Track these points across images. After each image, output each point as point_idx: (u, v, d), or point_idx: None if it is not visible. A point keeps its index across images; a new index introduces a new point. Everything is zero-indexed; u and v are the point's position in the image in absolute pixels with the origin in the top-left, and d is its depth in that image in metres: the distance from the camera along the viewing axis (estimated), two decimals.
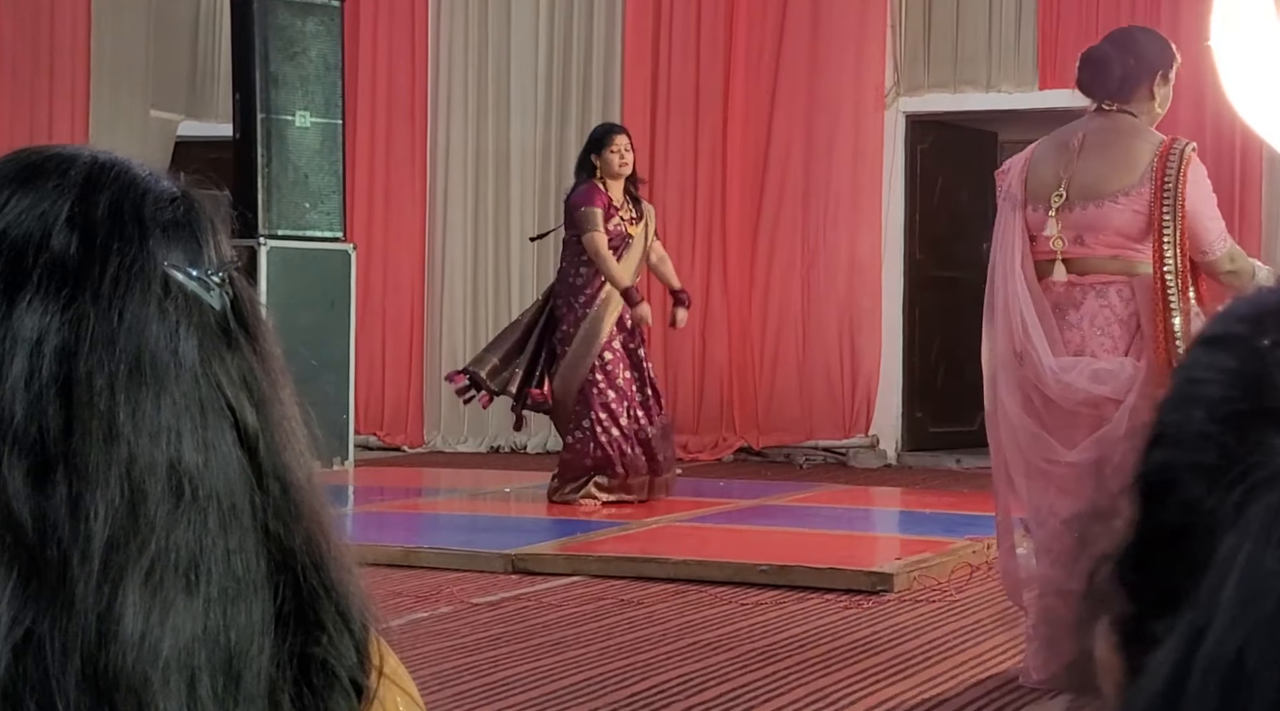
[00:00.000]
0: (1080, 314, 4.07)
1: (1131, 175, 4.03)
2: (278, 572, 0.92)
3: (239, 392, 0.93)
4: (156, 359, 0.90)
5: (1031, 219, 4.17)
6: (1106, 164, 4.08)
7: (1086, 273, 4.10)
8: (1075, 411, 4.03)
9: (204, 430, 0.90)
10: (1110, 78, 4.12)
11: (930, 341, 10.52)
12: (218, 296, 0.94)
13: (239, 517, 0.91)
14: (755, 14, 10.24)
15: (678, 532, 6.95)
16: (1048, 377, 4.04)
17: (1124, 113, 4.14)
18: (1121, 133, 4.10)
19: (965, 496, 8.40)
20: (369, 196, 10.85)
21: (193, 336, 0.92)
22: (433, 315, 10.89)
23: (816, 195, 10.15)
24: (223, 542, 0.89)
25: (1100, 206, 4.05)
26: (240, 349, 0.94)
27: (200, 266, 0.94)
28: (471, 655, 4.62)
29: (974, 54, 9.93)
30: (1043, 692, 4.22)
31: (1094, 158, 4.09)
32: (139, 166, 0.93)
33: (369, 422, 10.61)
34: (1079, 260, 4.11)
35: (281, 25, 9.19)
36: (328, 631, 0.93)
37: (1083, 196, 4.08)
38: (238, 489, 0.91)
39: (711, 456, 10.10)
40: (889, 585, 5.62)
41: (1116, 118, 4.12)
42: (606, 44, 10.61)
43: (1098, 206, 4.05)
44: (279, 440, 0.95)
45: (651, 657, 4.60)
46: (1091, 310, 4.05)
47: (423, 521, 7.78)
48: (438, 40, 10.90)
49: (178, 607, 0.86)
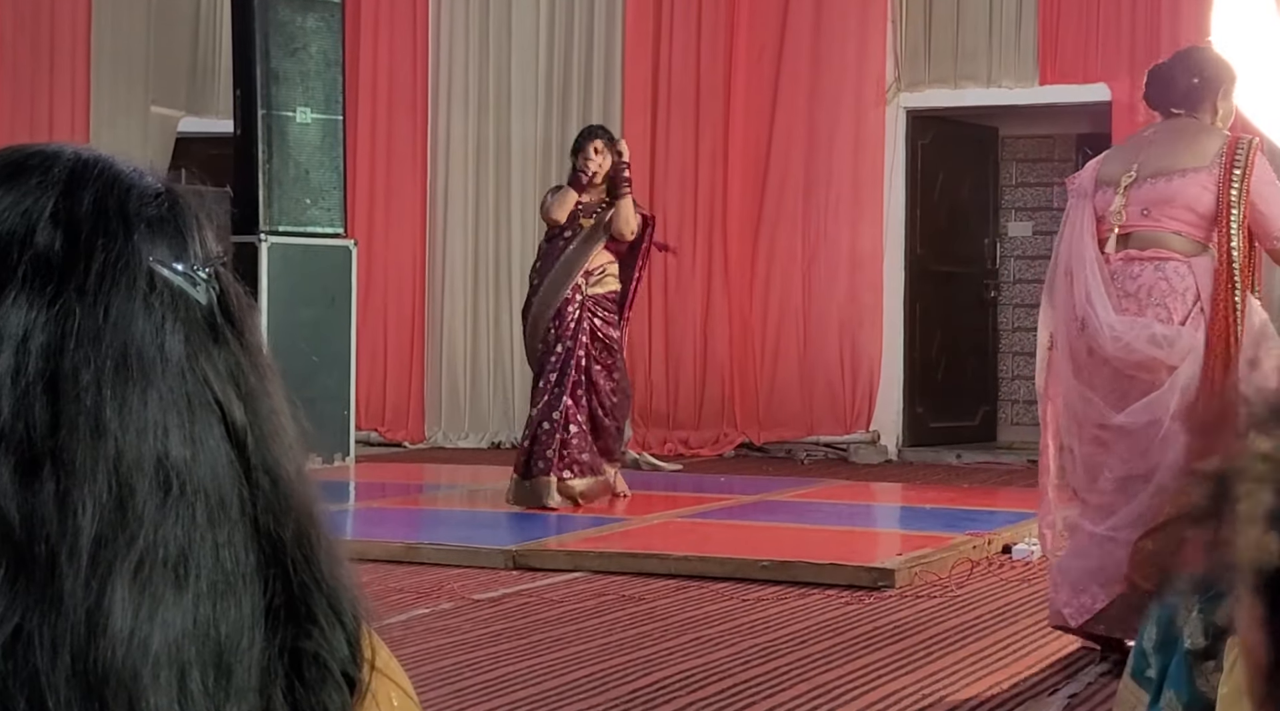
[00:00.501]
0: (1138, 284, 4.19)
1: (1202, 159, 4.22)
2: (268, 566, 0.92)
3: (226, 387, 0.93)
4: (143, 354, 0.90)
5: (1100, 201, 4.34)
6: (1176, 149, 4.27)
7: (1146, 247, 4.22)
8: (1128, 375, 4.15)
9: (191, 425, 0.90)
10: (1175, 93, 4.33)
11: (931, 337, 10.52)
12: (204, 291, 0.94)
13: (228, 512, 0.90)
14: (756, 9, 10.23)
15: (679, 528, 6.95)
16: (1106, 336, 4.16)
17: (1191, 117, 4.33)
18: (1190, 128, 4.32)
19: (966, 491, 8.40)
20: (370, 192, 10.85)
21: (179, 331, 0.92)
22: (433, 311, 10.89)
23: (818, 191, 10.14)
24: (211, 537, 0.89)
25: (1170, 181, 4.21)
26: (227, 343, 0.94)
27: (186, 261, 0.94)
28: (472, 651, 4.62)
29: (974, 49, 9.92)
30: (1043, 690, 4.22)
31: (1165, 145, 4.29)
32: (123, 163, 0.93)
33: (370, 418, 10.62)
34: (1140, 233, 4.23)
35: (282, 21, 9.19)
36: (319, 625, 0.93)
37: (1153, 173, 4.25)
38: (226, 483, 0.91)
39: (713, 452, 10.10)
40: (890, 580, 5.62)
41: (1185, 119, 4.33)
42: (607, 39, 10.61)
43: (1168, 181, 4.22)
44: (267, 434, 0.94)
45: (653, 653, 4.60)
46: (1149, 282, 4.18)
47: (424, 517, 7.78)
48: (438, 36, 10.89)
49: (167, 602, 0.86)
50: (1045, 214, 11.37)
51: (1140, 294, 4.17)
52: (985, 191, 11.14)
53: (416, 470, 9.54)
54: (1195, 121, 4.32)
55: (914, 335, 10.36)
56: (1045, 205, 11.38)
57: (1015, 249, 11.41)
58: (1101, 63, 9.64)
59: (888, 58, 10.08)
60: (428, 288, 10.89)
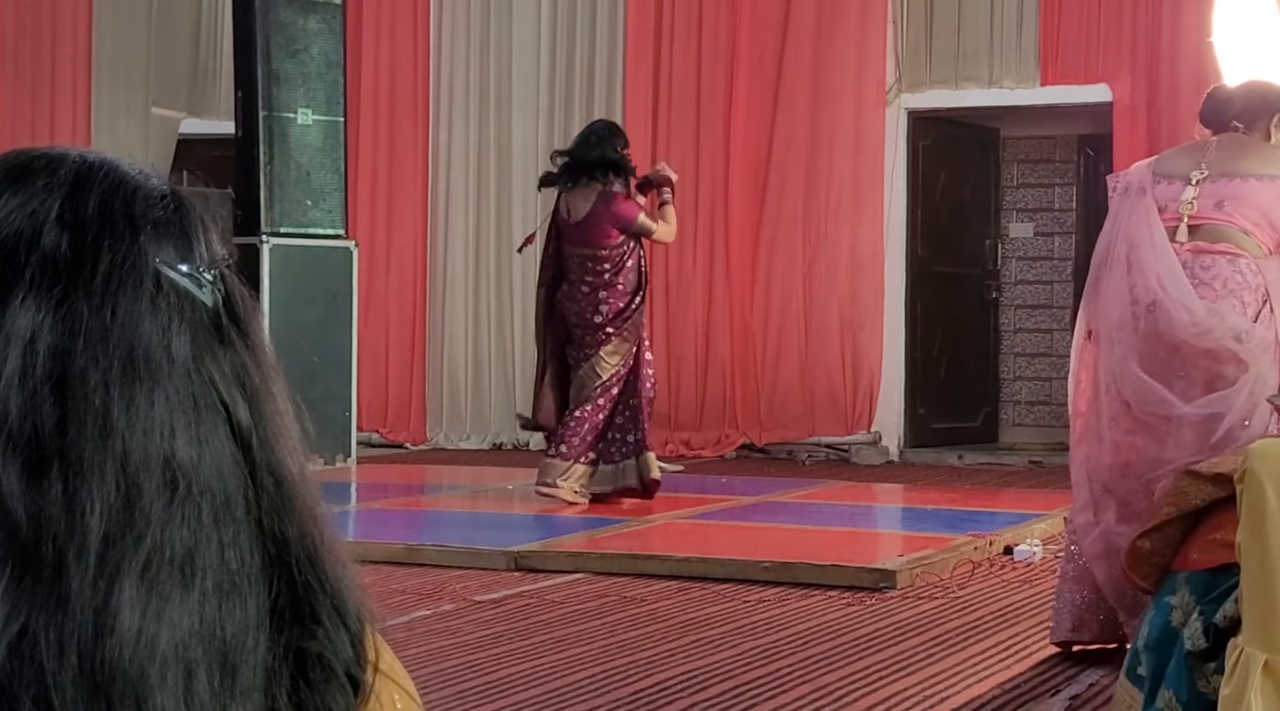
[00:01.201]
0: (1211, 274, 4.18)
1: (1274, 168, 4.24)
2: (272, 567, 0.92)
3: (232, 388, 0.93)
4: (150, 355, 0.90)
5: (1162, 192, 4.29)
6: (1246, 157, 4.28)
7: (1218, 241, 4.21)
8: (1195, 363, 4.12)
9: (197, 425, 0.91)
10: (1231, 111, 4.36)
11: (932, 337, 10.52)
12: (209, 293, 0.95)
13: (233, 512, 0.91)
14: (757, 10, 10.23)
15: (680, 529, 6.96)
16: (1183, 318, 4.12)
17: (1248, 135, 4.36)
18: (1253, 142, 4.34)
19: (968, 492, 8.40)
20: (371, 193, 10.85)
21: (185, 332, 0.92)
22: (435, 312, 10.90)
23: (819, 192, 10.15)
24: (217, 537, 0.90)
25: (1246, 181, 4.22)
26: (233, 345, 0.95)
27: (191, 263, 0.94)
28: (474, 653, 4.63)
29: (975, 50, 9.93)
30: (1045, 691, 4.22)
31: (1231, 151, 4.30)
32: (128, 165, 0.94)
33: (371, 420, 10.62)
34: (1212, 227, 4.22)
35: (283, 22, 9.19)
36: (323, 626, 0.93)
37: (1227, 171, 4.25)
38: (231, 484, 0.91)
39: (714, 453, 10.11)
40: (891, 582, 5.62)
41: (1244, 136, 4.35)
42: (609, 40, 10.61)
43: (1244, 181, 4.23)
44: (272, 435, 0.95)
45: (654, 655, 4.60)
46: (1225, 274, 4.18)
47: (425, 518, 7.79)
48: (439, 37, 10.90)
49: (174, 602, 0.86)
50: (1047, 215, 11.37)
51: (1216, 283, 4.16)
52: (986, 192, 11.14)
53: (418, 471, 9.54)
54: (1253, 138, 4.35)
55: (915, 336, 10.37)
56: (1047, 206, 11.38)
57: (1017, 250, 11.41)
58: (1103, 63, 9.64)
59: (888, 58, 10.08)
60: (429, 289, 10.90)
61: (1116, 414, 4.23)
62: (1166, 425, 4.12)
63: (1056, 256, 11.36)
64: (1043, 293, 11.37)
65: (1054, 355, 11.31)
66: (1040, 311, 11.35)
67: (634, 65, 10.48)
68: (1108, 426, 4.25)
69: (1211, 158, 4.27)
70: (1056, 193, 11.38)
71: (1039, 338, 11.37)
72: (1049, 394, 11.31)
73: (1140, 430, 4.19)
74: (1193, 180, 4.24)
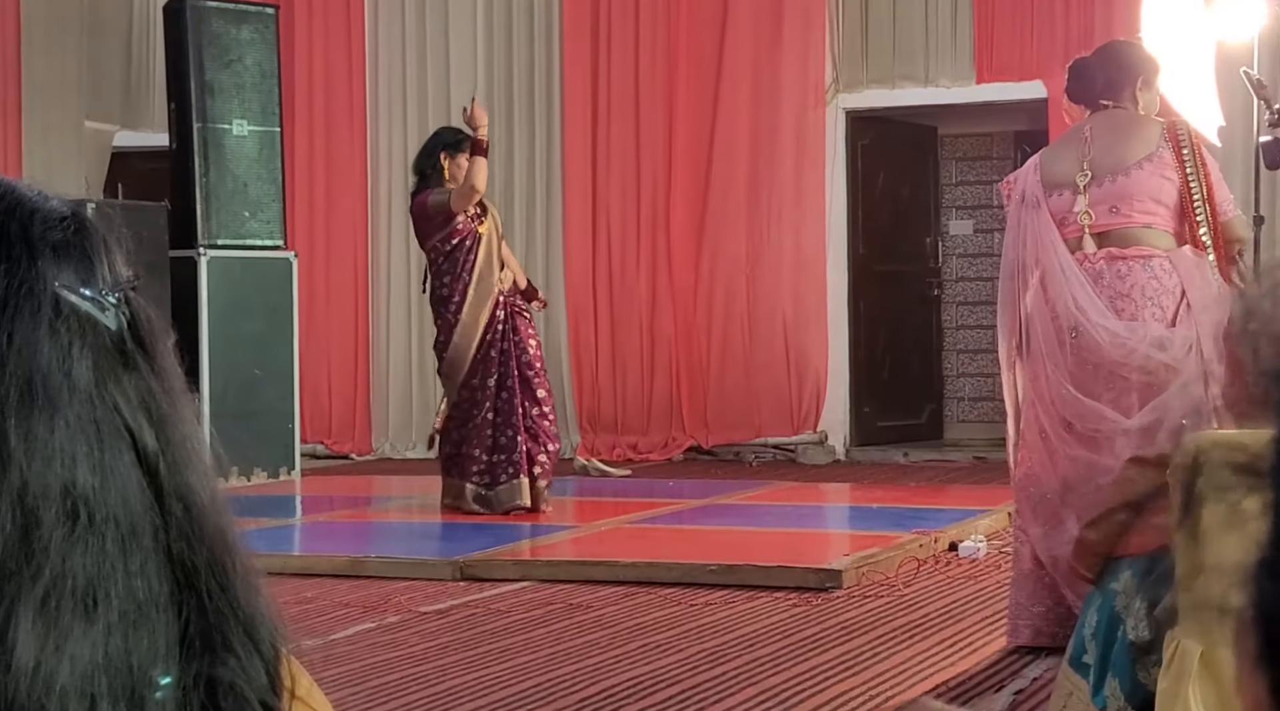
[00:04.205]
0: (1129, 283, 4.18)
1: (1149, 145, 4.24)
2: (182, 595, 0.90)
3: (137, 413, 0.91)
4: (48, 381, 0.89)
5: (1056, 205, 4.31)
6: (1122, 140, 4.28)
7: (1128, 244, 4.23)
8: (1126, 378, 4.15)
9: (100, 452, 0.89)
10: (1094, 84, 4.37)
11: (875, 336, 10.57)
12: (113, 316, 0.93)
13: (139, 540, 0.89)
14: (695, 12, 10.25)
15: (627, 534, 6.95)
16: (1105, 340, 4.14)
17: (1119, 107, 4.35)
18: (1125, 118, 4.34)
19: (913, 490, 8.44)
20: (309, 203, 10.79)
21: (87, 357, 0.90)
22: (377, 321, 10.84)
23: (760, 193, 10.17)
24: (123, 566, 0.88)
25: (1129, 174, 4.23)
26: (138, 369, 0.93)
27: (94, 286, 0.93)
28: (419, 665, 4.60)
29: (911, 49, 9.98)
30: (990, 686, 4.24)
31: (1107, 139, 4.29)
32: (25, 186, 0.92)
33: (316, 431, 10.55)
34: (1116, 232, 4.24)
35: (216, 33, 9.12)
36: (236, 654, 0.92)
37: (1109, 170, 4.25)
38: (137, 511, 0.90)
39: (661, 456, 10.11)
40: (838, 581, 5.63)
41: (1114, 111, 4.35)
42: (546, 43, 10.60)
43: (1126, 175, 4.23)
44: (180, 460, 0.93)
45: (601, 661, 4.59)
46: (1141, 281, 4.19)
47: (371, 530, 7.74)
48: (375, 44, 10.85)
49: (75, 635, 0.85)
50: (986, 212, 11.45)
51: (1134, 293, 4.17)
52: (925, 190, 11.21)
53: (364, 482, 9.48)
54: (1125, 111, 4.34)
55: (859, 335, 10.41)
56: (985, 203, 11.45)
57: (957, 247, 11.48)
58: (1037, 60, 9.72)
59: (826, 59, 10.12)
60: (371, 298, 10.84)
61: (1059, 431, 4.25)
62: (1110, 441, 4.13)
63: (996, 253, 11.40)
64: (984, 289, 11.45)
65: (996, 351, 11.37)
66: (982, 308, 11.42)
67: (572, 68, 10.47)
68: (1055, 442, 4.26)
69: (1091, 155, 4.26)
70: (994, 190, 11.45)
71: (981, 334, 11.44)
72: (992, 389, 11.38)
73: (1084, 443, 4.21)
74: (1080, 186, 4.24)
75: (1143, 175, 4.20)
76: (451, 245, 7.30)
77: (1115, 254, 4.20)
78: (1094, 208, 4.22)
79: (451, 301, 7.31)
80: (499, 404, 7.24)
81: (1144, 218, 4.20)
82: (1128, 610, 2.95)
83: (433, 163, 7.37)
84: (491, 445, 7.23)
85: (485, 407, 7.21)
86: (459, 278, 7.29)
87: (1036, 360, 4.31)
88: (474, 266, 7.30)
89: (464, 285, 7.28)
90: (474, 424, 7.23)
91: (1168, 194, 4.21)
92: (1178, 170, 4.20)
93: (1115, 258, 4.20)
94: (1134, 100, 4.35)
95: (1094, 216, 4.22)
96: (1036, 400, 4.32)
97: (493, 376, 7.24)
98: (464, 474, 7.27)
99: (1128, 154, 4.24)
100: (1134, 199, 4.20)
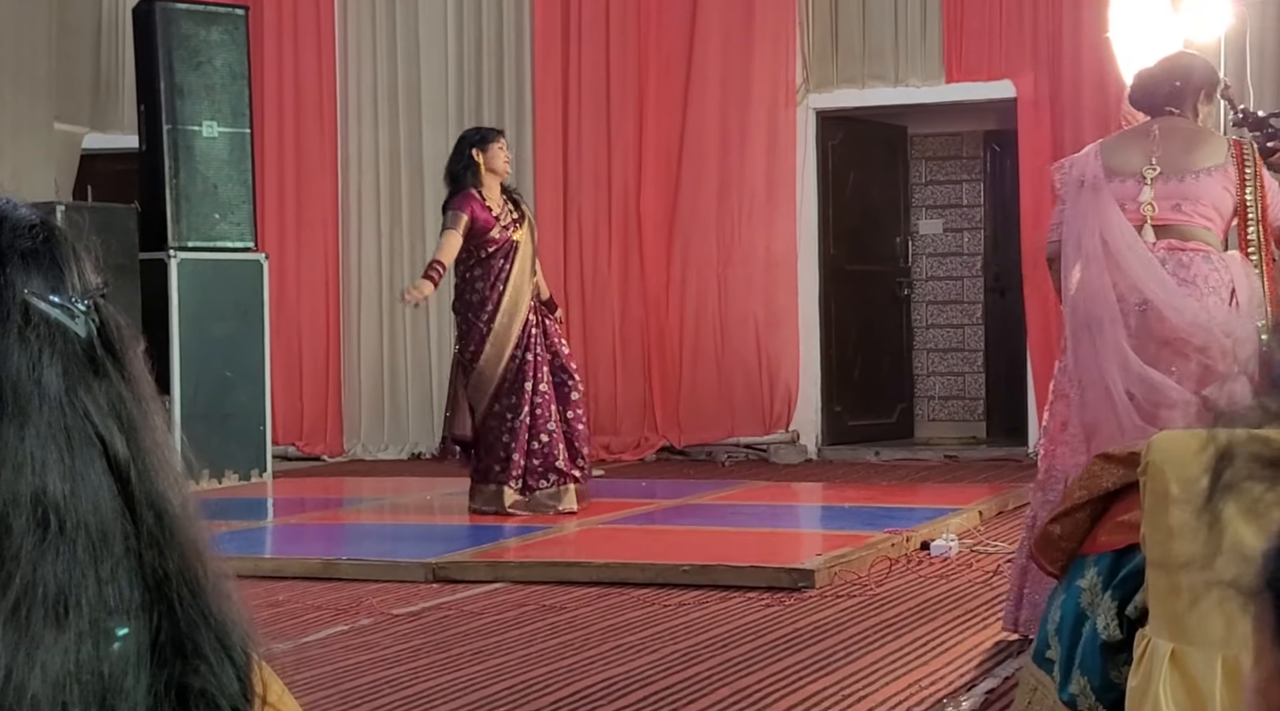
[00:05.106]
0: (1191, 272, 4.28)
1: (1217, 157, 4.36)
2: (153, 602, 0.90)
3: (107, 420, 0.92)
4: (18, 389, 0.89)
5: (1119, 190, 4.38)
6: (1192, 147, 4.38)
7: (1189, 239, 4.32)
8: (1187, 357, 4.21)
9: (71, 459, 0.89)
10: (1159, 93, 4.46)
11: (847, 335, 10.60)
12: (83, 323, 0.93)
13: (110, 547, 0.89)
14: (665, 11, 10.25)
15: (600, 535, 6.95)
16: (1180, 319, 4.20)
17: (1181, 116, 4.46)
18: (1191, 127, 4.45)
19: (885, 489, 8.46)
20: (279, 205, 10.75)
21: (56, 364, 0.91)
22: (349, 322, 10.82)
23: (731, 192, 10.18)
24: (94, 573, 0.88)
25: (1198, 178, 4.33)
26: (108, 376, 0.93)
27: (63, 293, 0.93)
28: (392, 667, 4.59)
29: (881, 49, 10.01)
30: (961, 686, 4.26)
31: (1177, 142, 4.39)
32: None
33: (287, 433, 10.52)
34: (1177, 226, 4.33)
35: (185, 35, 9.09)
36: (207, 660, 0.92)
37: (1178, 169, 4.35)
38: (108, 518, 0.90)
39: (634, 456, 10.11)
40: (810, 581, 5.64)
41: (1180, 119, 4.45)
42: (516, 43, 10.59)
43: (1195, 178, 4.33)
44: (152, 467, 0.93)
45: (574, 663, 4.59)
46: (1203, 272, 4.28)
47: (343, 532, 7.72)
48: (345, 45, 10.82)
49: (46, 643, 0.85)
50: (955, 211, 11.49)
51: (1198, 281, 4.26)
52: (896, 190, 11.24)
53: (336, 484, 9.46)
54: (1188, 121, 4.45)
55: (830, 334, 10.44)
56: (955, 202, 11.49)
57: (927, 246, 11.52)
58: (1006, 60, 9.76)
59: (796, 59, 10.14)
60: (342, 299, 10.82)
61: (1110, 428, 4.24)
62: (1170, 414, 4.16)
63: (966, 252, 11.47)
64: (953, 288, 11.49)
65: (966, 350, 11.42)
66: (951, 307, 11.46)
67: (542, 67, 10.46)
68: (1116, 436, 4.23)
69: (1160, 152, 4.36)
70: (964, 189, 11.50)
71: (951, 333, 11.48)
72: (962, 388, 11.43)
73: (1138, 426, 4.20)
74: (1147, 178, 4.33)
75: (1211, 182, 4.33)
76: (487, 252, 7.26)
77: (1176, 245, 4.31)
78: (1159, 201, 4.32)
79: (484, 310, 7.24)
80: (535, 408, 7.24)
81: (1203, 221, 4.34)
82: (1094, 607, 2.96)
83: (465, 162, 7.30)
84: (528, 449, 7.25)
85: (523, 413, 7.21)
86: (493, 286, 7.25)
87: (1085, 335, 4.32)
88: (509, 276, 7.27)
89: (498, 294, 7.25)
90: (509, 428, 7.21)
91: (1226, 205, 4.34)
92: (1238, 186, 4.33)
93: (1176, 249, 4.31)
94: (1195, 111, 4.48)
95: (1157, 209, 4.31)
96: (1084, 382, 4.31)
97: (528, 381, 7.23)
98: (501, 478, 7.26)
99: (1196, 160, 4.36)
100: (1199, 201, 4.32)
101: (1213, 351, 4.19)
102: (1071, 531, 3.09)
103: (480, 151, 7.29)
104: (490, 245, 7.25)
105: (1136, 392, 4.22)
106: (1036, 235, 9.73)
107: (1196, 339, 4.20)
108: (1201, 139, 4.41)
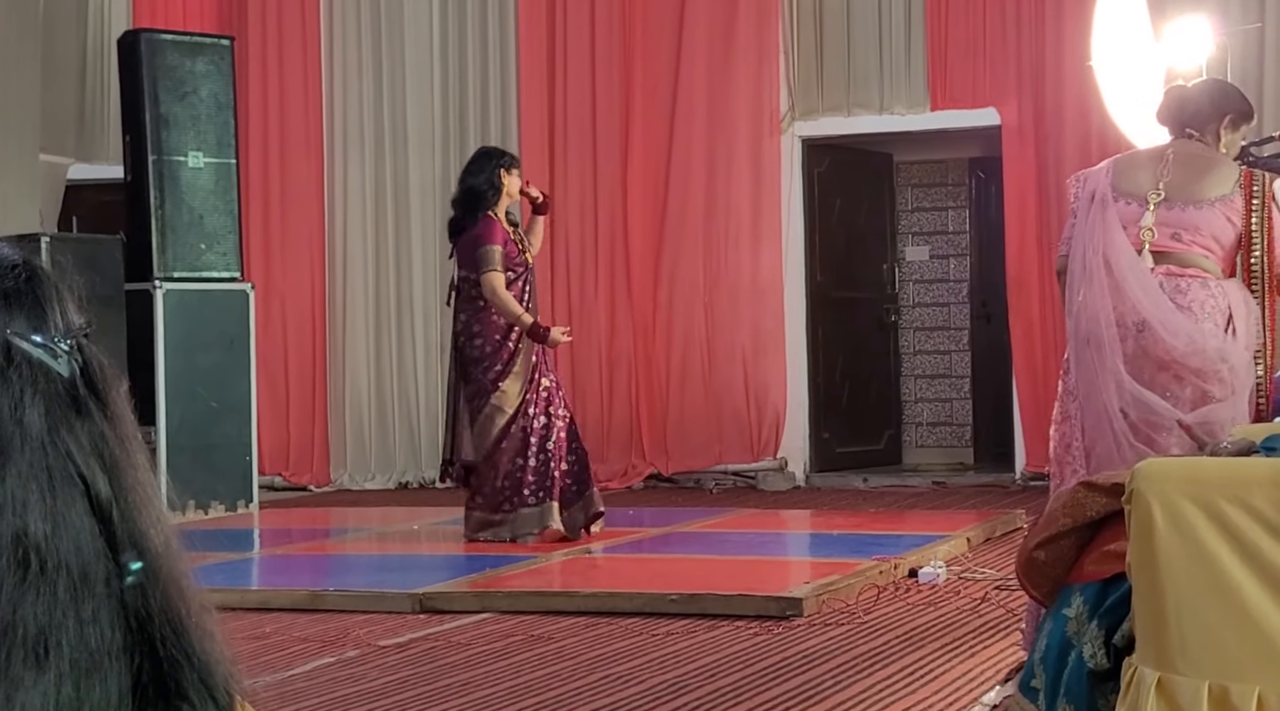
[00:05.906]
0: (1189, 298, 4.28)
1: (1226, 186, 4.34)
2: (136, 642, 0.90)
3: (90, 460, 0.91)
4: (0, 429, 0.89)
5: (1124, 212, 4.38)
6: (1201, 174, 4.37)
7: (1187, 266, 4.32)
8: (1182, 379, 4.21)
9: (53, 499, 0.89)
10: (1183, 112, 4.47)
11: (834, 362, 10.61)
12: (65, 363, 0.93)
13: (92, 587, 0.89)
14: (649, 40, 10.29)
15: (588, 564, 6.93)
16: (1175, 341, 4.20)
17: (1201, 140, 4.46)
18: (1206, 154, 4.43)
19: (873, 516, 8.45)
20: (265, 235, 10.76)
21: (39, 404, 0.90)
22: (335, 352, 10.81)
23: (717, 220, 10.21)
24: (75, 614, 0.88)
25: (1200, 209, 4.32)
26: (91, 415, 0.93)
27: (45, 333, 0.93)
28: (378, 700, 4.57)
29: (866, 77, 10.05)
30: None
31: (1187, 168, 4.38)
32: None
33: (274, 463, 10.50)
34: (1175, 254, 4.33)
35: (171, 65, 9.10)
36: (190, 701, 0.92)
37: (1182, 198, 4.34)
38: (90, 558, 0.89)
39: (621, 484, 10.10)
40: (798, 609, 5.63)
41: (1196, 143, 4.45)
42: (501, 72, 10.62)
43: (1197, 208, 4.32)
44: (134, 506, 0.93)
45: (561, 694, 4.57)
46: (1200, 297, 4.28)
47: (330, 563, 7.69)
48: (331, 75, 10.84)
49: (25, 685, 0.84)
50: (941, 238, 11.52)
51: (1194, 306, 4.27)
52: (882, 217, 11.27)
53: (323, 514, 9.43)
54: (1206, 146, 4.44)
55: (817, 361, 10.45)
56: (941, 229, 11.53)
57: (913, 273, 11.55)
58: (990, 88, 9.81)
59: (781, 87, 10.18)
60: (328, 329, 10.81)
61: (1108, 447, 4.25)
62: (1166, 438, 4.17)
63: (952, 279, 11.50)
64: (940, 315, 11.51)
65: (953, 376, 11.44)
66: (938, 333, 11.49)
67: (528, 97, 10.49)
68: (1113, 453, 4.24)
69: (1169, 177, 4.36)
70: (950, 216, 11.54)
71: (938, 359, 11.50)
72: (949, 414, 11.44)
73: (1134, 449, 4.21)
74: (1150, 203, 4.34)
75: (1212, 213, 4.33)
76: (508, 280, 7.23)
77: (1175, 271, 4.31)
78: (1158, 227, 4.33)
79: (510, 335, 7.23)
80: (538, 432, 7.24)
81: (1201, 250, 4.34)
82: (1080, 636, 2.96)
83: (491, 180, 7.27)
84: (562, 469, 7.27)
85: (533, 444, 7.21)
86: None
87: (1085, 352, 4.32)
88: (527, 300, 7.29)
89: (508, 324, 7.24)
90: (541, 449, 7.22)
91: (1228, 236, 4.34)
92: (1244, 215, 4.32)
93: (1174, 275, 4.31)
94: (1216, 137, 4.47)
95: (1156, 235, 4.31)
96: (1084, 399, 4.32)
97: (535, 408, 7.24)
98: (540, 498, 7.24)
99: (1203, 189, 4.35)
100: (1198, 232, 4.33)
101: (1209, 376, 4.20)
102: (1057, 557, 3.09)
103: (506, 173, 7.31)
104: (512, 271, 7.27)
105: (1132, 414, 4.23)
106: (1021, 261, 9.78)
107: (1193, 363, 4.21)
108: (1213, 168, 4.39)
